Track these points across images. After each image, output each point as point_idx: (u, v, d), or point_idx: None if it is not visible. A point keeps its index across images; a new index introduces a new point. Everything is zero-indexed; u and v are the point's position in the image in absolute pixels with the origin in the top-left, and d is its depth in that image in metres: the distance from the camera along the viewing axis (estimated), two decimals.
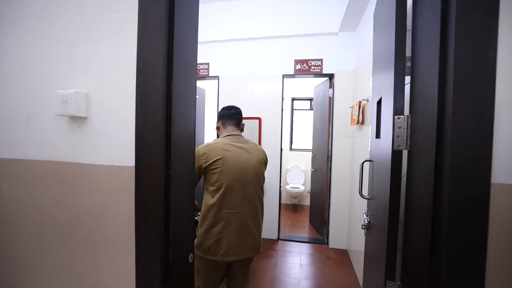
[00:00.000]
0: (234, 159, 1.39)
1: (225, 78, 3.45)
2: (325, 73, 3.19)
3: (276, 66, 3.31)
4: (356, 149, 2.80)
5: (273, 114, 3.32)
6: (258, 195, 1.47)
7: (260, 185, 1.48)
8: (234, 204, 1.37)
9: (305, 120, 5.27)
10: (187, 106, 0.94)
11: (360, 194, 1.57)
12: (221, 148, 1.41)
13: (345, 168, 3.07)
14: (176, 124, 0.83)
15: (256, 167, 1.45)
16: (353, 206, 2.89)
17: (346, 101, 3.04)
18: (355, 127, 2.81)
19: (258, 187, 1.47)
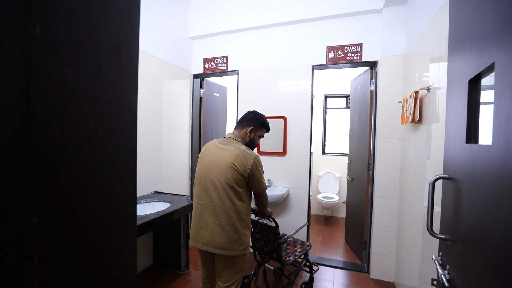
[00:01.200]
0: (207, 156, 1.54)
1: (245, 72, 3.02)
2: (365, 61, 2.58)
3: (304, 55, 2.78)
4: (409, 156, 2.16)
5: (301, 112, 2.80)
6: (224, 195, 1.45)
7: (232, 188, 1.45)
8: (197, 195, 1.54)
9: (340, 120, 4.63)
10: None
11: (430, 231, 1.00)
12: (206, 147, 1.61)
13: (391, 179, 2.43)
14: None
15: (221, 169, 1.46)
16: (404, 229, 2.24)
17: (394, 95, 2.40)
18: (407, 126, 2.18)
19: (226, 187, 1.45)
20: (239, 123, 1.63)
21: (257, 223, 1.95)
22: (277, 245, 1.86)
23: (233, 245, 1.44)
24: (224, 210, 1.44)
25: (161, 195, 2.58)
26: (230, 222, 1.44)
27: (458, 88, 0.88)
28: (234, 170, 1.43)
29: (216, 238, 1.44)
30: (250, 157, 1.47)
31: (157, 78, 2.77)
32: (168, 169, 2.90)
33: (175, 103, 3.04)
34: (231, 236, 1.44)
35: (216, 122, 3.81)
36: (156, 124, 2.78)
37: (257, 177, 1.49)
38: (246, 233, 1.51)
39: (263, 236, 1.94)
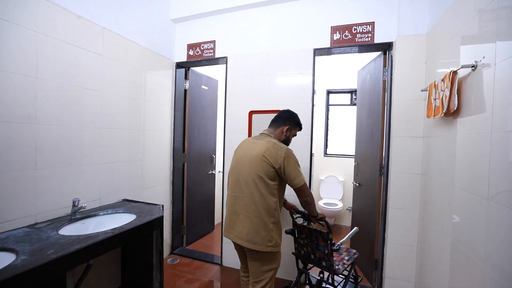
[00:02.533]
0: (240, 150, 1.63)
1: (235, 59, 2.58)
2: (377, 43, 2.14)
3: (304, 38, 2.34)
4: (436, 157, 1.71)
5: (301, 105, 2.35)
6: (253, 186, 1.47)
7: (260, 179, 1.46)
8: (230, 187, 1.61)
9: (344, 118, 4.18)
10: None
11: None
12: (241, 142, 1.71)
13: (411, 186, 1.98)
14: None
15: (251, 160, 1.49)
16: (427, 249, 1.79)
17: (413, 83, 1.96)
18: (433, 121, 1.73)
19: (256, 179, 1.47)
20: (274, 121, 1.68)
21: (304, 228, 1.76)
22: (328, 253, 1.67)
23: (261, 240, 1.44)
24: (253, 201, 1.46)
25: (130, 204, 2.13)
26: (258, 215, 1.45)
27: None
28: (264, 161, 1.45)
29: (245, 230, 1.47)
30: (282, 149, 1.48)
31: (136, 67, 2.35)
32: (143, 172, 2.46)
33: (155, 95, 2.60)
34: (259, 229, 1.45)
35: (205, 119, 3.36)
36: (134, 120, 2.35)
37: (290, 169, 1.46)
38: (275, 230, 1.48)
39: (311, 242, 1.75)
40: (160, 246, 2.10)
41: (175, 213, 2.92)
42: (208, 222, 3.56)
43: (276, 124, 1.67)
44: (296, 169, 1.49)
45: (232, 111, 2.58)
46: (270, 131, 1.66)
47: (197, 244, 3.22)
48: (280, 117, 1.67)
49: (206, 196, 3.47)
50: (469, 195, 1.25)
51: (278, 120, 1.67)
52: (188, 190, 3.08)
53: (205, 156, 3.40)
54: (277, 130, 1.65)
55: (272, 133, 1.65)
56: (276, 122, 1.67)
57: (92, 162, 1.94)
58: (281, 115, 1.68)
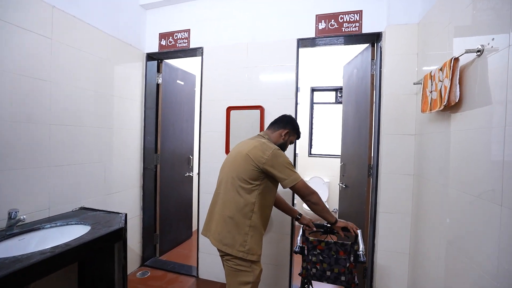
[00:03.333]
0: (232, 151, 1.53)
1: (212, 49, 2.34)
2: (365, 33, 1.97)
3: (287, 26, 2.14)
4: (430, 157, 1.56)
5: (283, 100, 2.15)
6: (231, 185, 1.40)
7: (239, 178, 1.37)
8: (216, 186, 1.52)
9: (329, 117, 4.04)
10: None
11: None
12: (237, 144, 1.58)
13: (403, 188, 1.82)
14: None
15: (236, 158, 1.42)
16: (421, 256, 1.64)
17: (405, 76, 1.81)
18: (428, 116, 1.57)
19: (235, 177, 1.38)
20: (274, 123, 1.58)
21: (320, 243, 1.55)
22: (350, 265, 1.50)
23: (232, 242, 1.34)
24: (229, 200, 1.39)
25: (88, 213, 1.83)
26: (232, 215, 1.37)
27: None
28: (248, 160, 1.37)
29: (218, 229, 1.39)
30: (269, 149, 1.37)
31: (102, 57, 2.08)
32: (107, 175, 2.16)
33: (123, 90, 2.31)
34: (231, 230, 1.36)
35: (181, 116, 3.09)
36: (99, 117, 2.06)
37: (279, 169, 1.35)
38: (251, 234, 1.36)
39: (329, 257, 1.56)
40: (123, 260, 1.83)
41: (146, 220, 2.63)
42: (185, 229, 3.28)
43: (275, 126, 1.56)
44: (285, 169, 1.36)
45: (208, 108, 2.34)
46: (266, 133, 1.56)
47: (172, 254, 2.93)
48: (280, 120, 1.58)
49: (183, 201, 3.19)
50: (469, 197, 1.09)
51: (278, 122, 1.57)
52: (162, 194, 2.80)
53: (181, 157, 3.13)
54: (275, 132, 1.54)
55: (269, 135, 1.55)
56: (276, 125, 1.57)
57: (40, 164, 1.64)
58: (282, 118, 1.58)
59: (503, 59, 0.93)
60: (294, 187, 1.37)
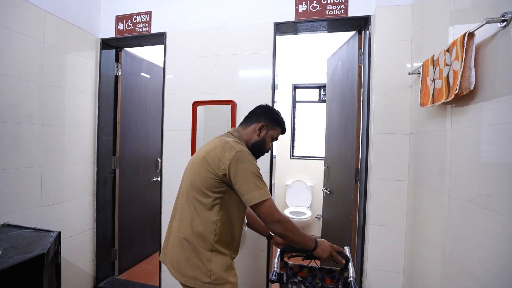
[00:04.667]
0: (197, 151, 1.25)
1: (176, 35, 2.00)
2: (352, 17, 1.71)
3: (262, 9, 1.85)
4: (432, 160, 1.31)
5: (258, 94, 1.84)
6: (186, 199, 1.10)
7: (195, 189, 1.06)
8: (176, 197, 1.20)
9: (313, 117, 3.78)
10: None
11: None
12: None
13: (395, 196, 1.56)
14: None
15: (193, 164, 1.12)
16: (417, 275, 1.38)
17: (398, 65, 1.56)
18: (427, 111, 1.32)
19: (192, 188, 1.08)
20: (246, 118, 1.25)
21: (303, 269, 1.30)
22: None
23: (193, 272, 1.04)
24: (184, 217, 1.09)
25: (10, 231, 1.45)
26: (189, 237, 1.06)
27: None
28: (205, 165, 1.05)
29: (176, 255, 1.09)
30: (231, 149, 1.03)
31: (37, 39, 1.70)
32: (43, 183, 1.77)
33: (68, 80, 1.94)
34: (191, 257, 1.06)
35: (146, 114, 2.73)
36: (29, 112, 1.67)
37: (240, 178, 1.00)
38: (214, 260, 1.05)
39: (312, 286, 1.30)
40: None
41: (101, 233, 2.24)
42: (153, 241, 2.90)
43: (248, 121, 1.22)
44: (248, 180, 1.00)
45: (171, 102, 2.00)
46: (237, 130, 1.22)
47: (134, 271, 2.56)
48: (253, 112, 1.24)
49: (149, 209, 2.82)
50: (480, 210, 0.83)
51: (250, 116, 1.23)
52: (121, 202, 2.42)
53: (146, 160, 2.76)
54: (248, 128, 1.20)
55: (239, 131, 1.20)
56: (248, 119, 1.23)
57: None
58: (255, 110, 1.24)
59: None
60: (256, 206, 1.00)
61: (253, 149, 1.18)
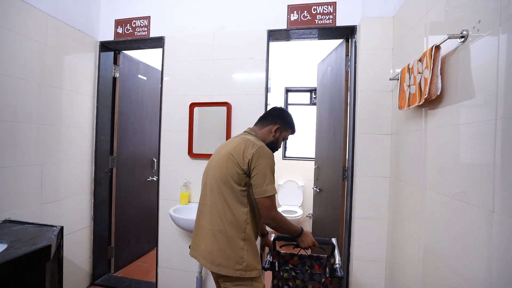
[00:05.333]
0: (215, 152, 1.32)
1: (174, 39, 2.10)
2: (340, 26, 1.85)
3: (257, 16, 1.97)
4: (410, 158, 1.44)
5: (252, 97, 1.96)
6: (217, 193, 1.18)
7: (225, 183, 1.16)
8: (201, 195, 1.29)
9: (304, 119, 3.92)
10: None
11: None
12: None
13: (378, 192, 1.69)
14: None
15: (218, 161, 1.21)
16: (398, 265, 1.50)
17: (381, 71, 1.70)
18: (405, 113, 1.46)
19: (220, 183, 1.17)
20: (262, 118, 1.36)
21: (293, 257, 1.45)
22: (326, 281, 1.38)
23: (226, 261, 1.13)
24: (217, 211, 1.18)
25: (13, 226, 1.51)
26: (223, 229, 1.16)
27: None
28: (231, 160, 1.16)
29: (208, 247, 1.18)
30: (254, 145, 1.16)
31: (49, 44, 1.81)
32: (43, 181, 1.82)
33: (69, 82, 2.01)
34: (224, 247, 1.15)
35: (143, 115, 2.80)
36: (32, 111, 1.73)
37: (259, 170, 1.11)
38: (246, 248, 1.15)
39: (302, 272, 1.44)
40: (57, 284, 1.52)
41: (98, 232, 2.29)
42: (148, 239, 2.96)
43: (264, 122, 1.33)
44: (265, 174, 1.12)
45: (169, 104, 2.09)
46: (253, 129, 1.34)
47: (130, 269, 2.61)
48: (269, 114, 1.35)
49: (145, 208, 2.88)
50: (453, 202, 0.96)
51: (266, 117, 1.35)
52: (118, 201, 2.48)
53: (143, 160, 2.82)
54: (264, 129, 1.31)
55: (256, 131, 1.32)
56: (264, 120, 1.34)
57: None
58: (271, 112, 1.36)
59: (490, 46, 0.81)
60: (264, 199, 1.11)
61: (268, 147, 1.26)
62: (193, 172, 2.03)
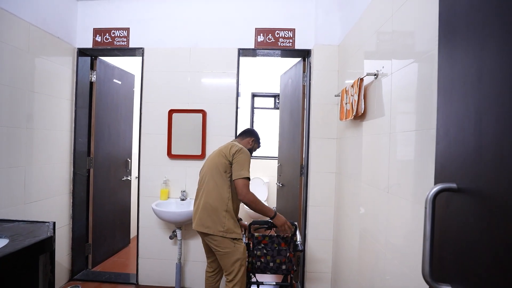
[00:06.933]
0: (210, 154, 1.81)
1: (153, 51, 2.32)
2: (298, 49, 2.25)
3: (229, 36, 2.28)
4: (347, 157, 1.88)
5: (225, 105, 2.27)
6: (210, 178, 1.66)
7: (216, 170, 1.65)
8: (198, 186, 1.77)
9: (268, 122, 4.31)
10: None
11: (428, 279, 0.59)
12: None
13: (327, 184, 2.13)
14: None
15: (213, 157, 1.72)
16: (341, 242, 1.95)
17: (328, 88, 2.13)
18: (344, 124, 1.90)
19: (214, 171, 1.66)
20: (242, 134, 1.91)
21: (265, 238, 1.79)
22: (290, 254, 1.77)
23: (212, 224, 1.59)
24: (208, 190, 1.65)
25: (3, 224, 1.63)
26: (212, 202, 1.61)
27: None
28: (221, 155, 1.67)
29: (200, 215, 1.64)
30: (237, 146, 1.68)
31: (21, 49, 1.85)
32: (27, 182, 1.93)
33: (48, 87, 2.10)
34: (211, 214, 1.61)
35: (118, 118, 2.93)
36: (14, 115, 1.82)
37: (238, 160, 1.61)
38: (227, 217, 1.61)
39: (272, 250, 1.79)
40: (49, 274, 1.68)
41: (76, 229, 2.41)
42: (123, 236, 3.10)
43: (243, 136, 1.89)
44: (243, 164, 1.61)
45: (149, 110, 2.30)
46: (237, 140, 1.87)
47: (107, 264, 2.75)
48: (248, 131, 1.91)
49: (119, 206, 3.02)
50: (373, 189, 1.39)
51: (245, 133, 1.90)
52: (95, 200, 2.61)
53: (117, 161, 2.96)
54: (244, 140, 1.87)
55: (239, 141, 1.84)
56: (244, 135, 1.89)
57: None
58: (248, 130, 1.92)
59: (390, 81, 1.24)
60: (239, 181, 1.57)
61: None
62: (172, 171, 2.28)
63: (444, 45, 0.71)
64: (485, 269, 0.50)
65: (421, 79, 1.00)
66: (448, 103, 0.65)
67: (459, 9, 0.64)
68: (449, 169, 0.63)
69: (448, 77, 0.66)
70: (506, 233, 0.45)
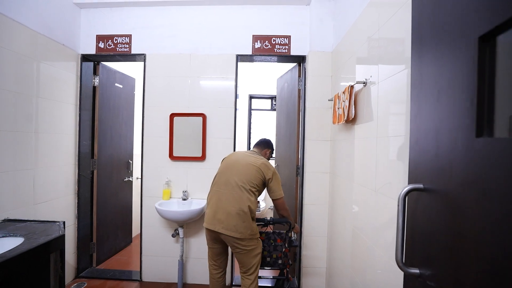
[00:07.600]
0: (233, 158, 1.94)
1: (155, 57, 2.41)
2: (293, 55, 2.36)
3: (228, 42, 2.38)
4: (339, 158, 1.99)
5: (224, 109, 2.38)
6: (244, 189, 1.77)
7: (249, 181, 1.79)
8: (218, 184, 1.85)
9: (265, 123, 4.43)
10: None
11: (400, 265, 0.71)
12: (234, 153, 2.06)
13: (321, 184, 2.25)
14: None
15: (246, 167, 1.83)
16: (335, 239, 2.07)
17: (323, 93, 2.24)
18: (337, 126, 2.01)
19: (248, 183, 1.79)
20: (259, 144, 2.08)
21: (262, 234, 1.93)
22: (285, 250, 1.89)
23: (245, 230, 1.72)
24: (234, 198, 1.75)
25: (16, 224, 1.72)
26: (245, 211, 1.73)
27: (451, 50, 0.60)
28: (259, 172, 1.82)
29: (233, 222, 1.72)
30: (272, 168, 1.89)
31: (24, 54, 1.93)
32: (35, 183, 2.02)
33: (53, 92, 2.19)
34: (245, 220, 1.73)
35: (119, 120, 3.02)
36: (23, 120, 1.91)
37: (274, 183, 1.85)
38: (253, 221, 1.80)
39: (268, 245, 1.94)
40: (60, 270, 1.78)
41: (81, 229, 2.51)
42: (125, 235, 3.20)
43: (261, 147, 2.06)
44: (279, 185, 1.87)
45: (151, 113, 2.40)
46: (256, 151, 2.02)
47: (111, 262, 2.85)
48: (263, 142, 2.08)
49: (122, 206, 3.11)
50: (363, 189, 1.51)
51: (261, 144, 2.07)
52: (99, 201, 2.70)
53: (119, 162, 3.05)
54: (263, 151, 2.04)
55: (259, 152, 2.02)
56: (261, 145, 2.07)
57: None
58: (264, 141, 2.09)
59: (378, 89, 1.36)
60: (278, 199, 1.86)
61: None
62: (174, 172, 2.39)
63: (414, 58, 0.82)
64: (443, 254, 0.61)
65: (406, 86, 1.12)
66: (418, 115, 0.76)
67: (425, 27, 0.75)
68: (419, 172, 0.74)
69: (416, 90, 0.77)
70: (456, 224, 0.57)
